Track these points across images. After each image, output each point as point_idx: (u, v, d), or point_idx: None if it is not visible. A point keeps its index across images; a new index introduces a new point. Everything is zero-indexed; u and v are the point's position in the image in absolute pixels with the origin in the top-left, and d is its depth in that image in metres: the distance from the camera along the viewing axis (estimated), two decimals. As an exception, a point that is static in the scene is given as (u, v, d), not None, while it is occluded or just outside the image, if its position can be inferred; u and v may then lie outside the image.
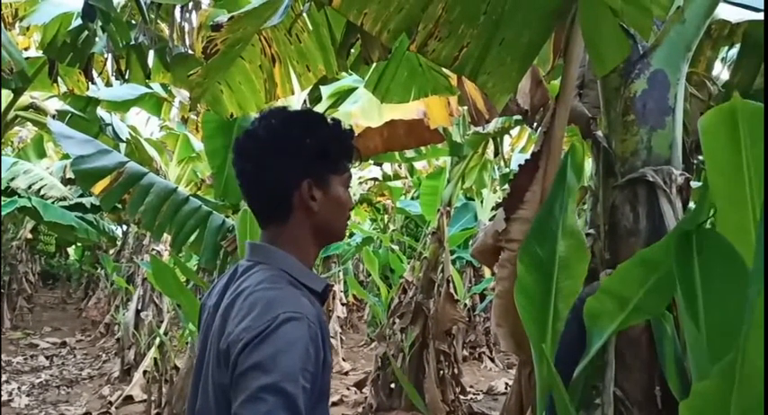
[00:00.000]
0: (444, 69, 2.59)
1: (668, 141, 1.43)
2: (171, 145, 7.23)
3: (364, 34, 2.37)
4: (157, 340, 5.99)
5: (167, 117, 6.35)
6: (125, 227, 10.34)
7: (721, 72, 2.90)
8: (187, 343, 5.19)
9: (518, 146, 7.69)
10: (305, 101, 4.09)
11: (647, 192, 1.39)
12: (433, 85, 2.69)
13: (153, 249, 7.18)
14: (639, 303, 1.19)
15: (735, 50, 2.66)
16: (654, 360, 1.29)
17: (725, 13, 2.34)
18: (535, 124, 3.14)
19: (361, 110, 3.17)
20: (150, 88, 5.30)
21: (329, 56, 2.72)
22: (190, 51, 3.67)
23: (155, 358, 5.80)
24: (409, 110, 3.14)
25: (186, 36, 3.56)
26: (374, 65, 2.70)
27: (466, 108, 3.49)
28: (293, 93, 2.84)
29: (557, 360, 1.29)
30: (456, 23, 1.73)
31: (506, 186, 8.15)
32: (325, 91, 3.98)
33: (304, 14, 2.58)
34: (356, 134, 3.58)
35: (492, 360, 7.92)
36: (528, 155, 1.64)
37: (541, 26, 1.75)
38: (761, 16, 2.36)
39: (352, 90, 3.81)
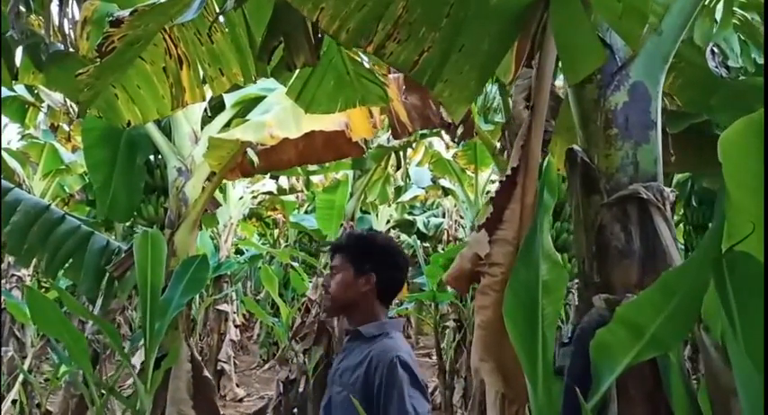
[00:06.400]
0: (379, 77, 2.42)
1: (653, 156, 1.36)
2: (34, 156, 6.40)
3: (289, 37, 2.14)
4: (21, 378, 5.21)
5: (32, 124, 5.59)
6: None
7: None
8: (61, 381, 4.53)
9: (414, 160, 7.74)
10: (205, 109, 3.73)
11: (638, 210, 1.31)
12: (363, 95, 2.50)
13: (13, 275, 6.27)
14: (656, 332, 1.10)
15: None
16: (658, 391, 1.21)
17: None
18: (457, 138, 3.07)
19: (277, 121, 2.90)
20: (13, 90, 4.61)
21: (246, 59, 2.46)
22: (71, 49, 3.19)
23: (17, 401, 5.04)
24: (330, 121, 2.93)
25: (68, 31, 3.09)
26: (297, 71, 2.48)
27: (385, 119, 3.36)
28: (204, 99, 2.55)
29: (564, 398, 1.16)
30: (417, 25, 1.57)
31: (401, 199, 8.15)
32: (229, 99, 3.66)
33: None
34: (269, 146, 3.30)
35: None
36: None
37: (503, 34, 1.64)
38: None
39: (259, 98, 3.52)
